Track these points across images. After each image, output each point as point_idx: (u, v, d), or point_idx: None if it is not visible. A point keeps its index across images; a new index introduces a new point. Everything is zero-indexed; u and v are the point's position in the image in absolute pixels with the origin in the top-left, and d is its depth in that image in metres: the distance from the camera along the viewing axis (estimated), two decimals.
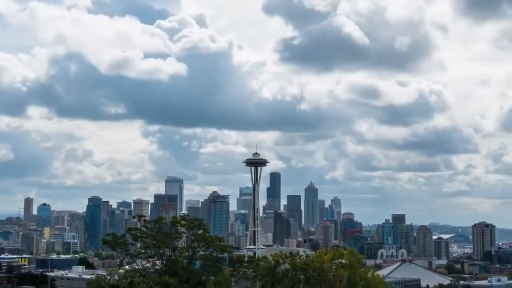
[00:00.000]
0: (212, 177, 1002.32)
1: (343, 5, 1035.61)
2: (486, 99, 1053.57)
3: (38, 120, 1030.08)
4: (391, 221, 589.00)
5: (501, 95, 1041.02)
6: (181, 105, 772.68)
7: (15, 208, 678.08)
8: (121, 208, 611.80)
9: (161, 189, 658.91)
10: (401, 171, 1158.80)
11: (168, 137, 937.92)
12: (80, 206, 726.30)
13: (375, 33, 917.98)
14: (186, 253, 66.02)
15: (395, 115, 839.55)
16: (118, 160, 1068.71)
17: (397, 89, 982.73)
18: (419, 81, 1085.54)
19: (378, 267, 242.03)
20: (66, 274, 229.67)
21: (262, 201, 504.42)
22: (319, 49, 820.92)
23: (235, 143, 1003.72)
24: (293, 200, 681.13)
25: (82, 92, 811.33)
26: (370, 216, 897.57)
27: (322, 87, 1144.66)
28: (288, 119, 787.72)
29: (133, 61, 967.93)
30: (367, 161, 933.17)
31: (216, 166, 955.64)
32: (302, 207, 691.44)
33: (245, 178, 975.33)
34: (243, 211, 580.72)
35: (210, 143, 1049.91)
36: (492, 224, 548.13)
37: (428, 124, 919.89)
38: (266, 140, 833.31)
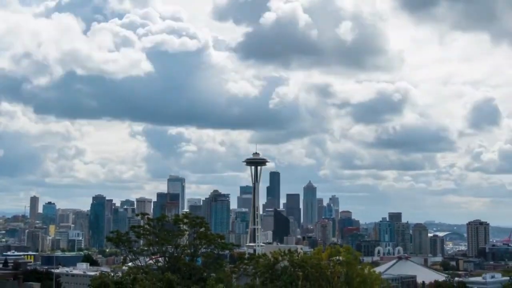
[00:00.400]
0: (206, 176, 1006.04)
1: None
2: (450, 97, 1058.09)
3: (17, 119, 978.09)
4: (387, 219, 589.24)
5: (463, 93, 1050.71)
6: (152, 103, 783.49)
7: (21, 206, 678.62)
8: (125, 207, 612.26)
9: (161, 187, 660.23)
10: (385, 169, 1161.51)
11: (151, 136, 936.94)
12: (78, 205, 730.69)
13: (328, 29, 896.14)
14: (188, 250, 66.15)
15: (363, 113, 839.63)
16: (110, 159, 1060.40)
17: (359, 86, 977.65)
18: (386, 79, 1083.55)
19: (375, 264, 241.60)
20: (70, 271, 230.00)
21: (262, 199, 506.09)
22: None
23: (213, 141, 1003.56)
24: (292, 198, 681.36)
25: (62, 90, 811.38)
26: (362, 214, 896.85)
27: (287, 85, 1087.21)
28: (261, 117, 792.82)
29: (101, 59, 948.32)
30: (350, 159, 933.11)
31: (206, 164, 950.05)
32: (301, 206, 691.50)
33: (230, 176, 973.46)
34: (243, 210, 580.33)
35: (192, 142, 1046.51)
36: (486, 222, 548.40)
37: (398, 122, 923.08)
38: (242, 139, 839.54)
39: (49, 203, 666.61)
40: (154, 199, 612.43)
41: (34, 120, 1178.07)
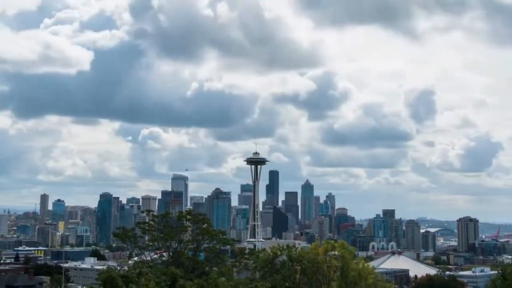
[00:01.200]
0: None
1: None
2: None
3: None
4: (381, 216, 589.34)
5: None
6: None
7: (31, 203, 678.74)
8: (131, 204, 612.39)
9: (166, 186, 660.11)
10: (354, 167, 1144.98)
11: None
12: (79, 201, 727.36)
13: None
14: (191, 246, 66.20)
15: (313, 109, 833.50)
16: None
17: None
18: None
19: (370, 258, 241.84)
20: (79, 265, 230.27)
21: (262, 197, 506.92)
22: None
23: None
24: (291, 196, 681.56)
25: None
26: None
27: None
28: (213, 116, 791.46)
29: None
30: (319, 157, 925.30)
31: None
32: (299, 203, 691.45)
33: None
34: (244, 207, 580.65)
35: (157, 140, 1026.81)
36: (475, 218, 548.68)
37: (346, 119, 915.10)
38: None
39: (59, 200, 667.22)
40: (159, 196, 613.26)
41: None
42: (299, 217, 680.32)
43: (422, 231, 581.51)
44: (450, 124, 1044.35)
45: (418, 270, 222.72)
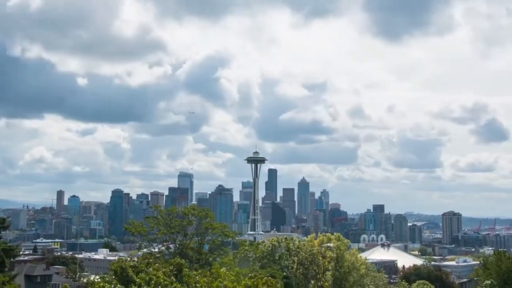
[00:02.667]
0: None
1: None
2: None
3: None
4: (372, 211, 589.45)
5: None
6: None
7: (49, 199, 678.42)
8: (140, 200, 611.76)
9: (173, 183, 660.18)
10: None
11: None
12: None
13: None
14: (196, 238, 66.07)
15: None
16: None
17: None
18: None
19: (361, 250, 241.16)
20: (92, 256, 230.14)
21: (261, 193, 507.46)
22: None
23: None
24: (288, 192, 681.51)
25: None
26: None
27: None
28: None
29: None
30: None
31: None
32: (296, 199, 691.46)
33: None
34: (244, 202, 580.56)
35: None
36: (459, 213, 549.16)
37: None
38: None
39: (74, 196, 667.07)
40: (166, 193, 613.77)
41: None
42: (296, 211, 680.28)
43: (409, 224, 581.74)
44: None
45: (406, 260, 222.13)
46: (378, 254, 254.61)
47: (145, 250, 67.15)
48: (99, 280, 34.29)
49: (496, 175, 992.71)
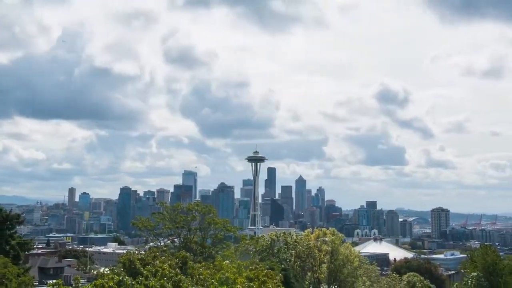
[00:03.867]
0: None
1: None
2: None
3: None
4: (365, 207, 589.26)
5: None
6: None
7: (61, 196, 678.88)
8: (147, 196, 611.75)
9: (178, 180, 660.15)
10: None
11: None
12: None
13: None
14: (199, 233, 65.98)
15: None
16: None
17: None
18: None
19: (355, 244, 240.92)
20: (102, 250, 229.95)
21: (261, 190, 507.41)
22: None
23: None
24: (286, 189, 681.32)
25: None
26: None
27: None
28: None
29: None
30: None
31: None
32: (293, 195, 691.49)
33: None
34: (245, 199, 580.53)
35: None
36: (447, 209, 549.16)
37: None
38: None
39: (84, 193, 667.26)
40: (171, 190, 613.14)
41: None
42: (294, 207, 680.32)
43: (400, 220, 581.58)
44: None
45: (397, 253, 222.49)
46: (371, 248, 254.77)
47: (151, 244, 67.07)
48: (108, 272, 34.28)
49: None
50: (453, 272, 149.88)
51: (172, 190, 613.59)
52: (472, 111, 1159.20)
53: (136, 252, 45.95)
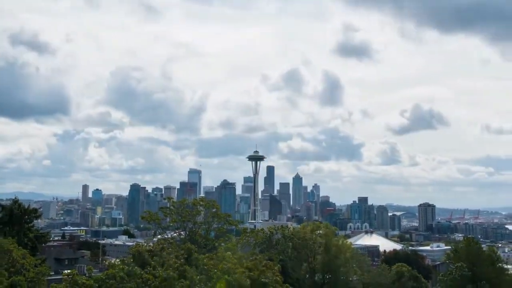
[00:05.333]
0: None
1: None
2: None
3: None
4: (357, 202, 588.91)
5: None
6: None
7: (75, 192, 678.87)
8: (155, 192, 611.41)
9: (184, 178, 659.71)
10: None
11: None
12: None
13: None
14: (203, 226, 65.96)
15: None
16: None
17: None
18: None
19: (347, 236, 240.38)
20: (113, 242, 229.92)
21: (261, 187, 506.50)
22: None
23: None
24: (284, 186, 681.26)
25: None
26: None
27: None
28: None
29: None
30: None
31: None
32: (291, 192, 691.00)
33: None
34: (246, 195, 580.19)
35: None
36: (433, 204, 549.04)
37: None
38: None
39: (97, 189, 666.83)
40: (178, 186, 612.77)
41: None
42: (291, 203, 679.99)
43: (389, 214, 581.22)
44: None
45: (387, 245, 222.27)
46: (362, 240, 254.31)
47: (159, 236, 67.08)
48: (119, 262, 34.32)
49: None
50: (438, 262, 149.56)
51: (178, 186, 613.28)
52: None
53: (145, 244, 46.02)
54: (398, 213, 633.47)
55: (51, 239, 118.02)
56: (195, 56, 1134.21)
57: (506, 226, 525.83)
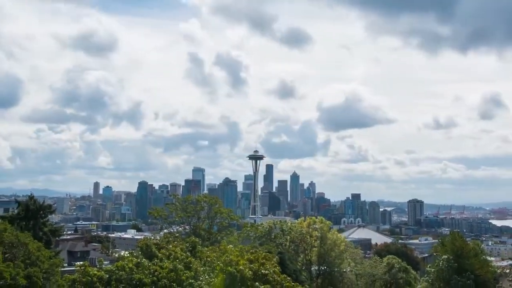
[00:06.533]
0: None
1: None
2: None
3: None
4: (350, 198, 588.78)
5: None
6: None
7: (87, 189, 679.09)
8: (162, 189, 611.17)
9: (188, 175, 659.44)
10: None
11: None
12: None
13: None
14: (207, 221, 66.08)
15: None
16: None
17: None
18: None
19: (341, 230, 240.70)
20: (122, 236, 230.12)
21: (260, 184, 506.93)
22: None
23: None
24: (282, 183, 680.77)
25: None
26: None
27: None
28: None
29: None
30: None
31: None
32: (288, 188, 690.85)
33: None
34: (246, 191, 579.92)
35: None
36: (421, 200, 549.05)
37: None
38: None
39: (107, 186, 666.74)
40: (183, 184, 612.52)
41: None
42: (289, 199, 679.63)
43: (381, 210, 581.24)
44: None
45: (378, 239, 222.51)
46: (355, 234, 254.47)
47: (165, 230, 67.17)
48: (128, 255, 34.35)
49: None
50: (426, 255, 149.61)
51: (183, 184, 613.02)
52: None
53: (152, 237, 46.02)
54: (388, 209, 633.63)
55: (65, 233, 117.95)
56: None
57: (490, 221, 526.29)
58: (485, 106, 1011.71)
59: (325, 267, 66.33)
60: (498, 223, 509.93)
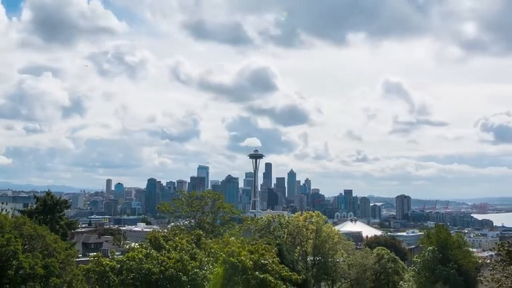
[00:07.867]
0: None
1: None
2: None
3: None
4: (343, 194, 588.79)
5: None
6: None
7: (100, 185, 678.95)
8: (169, 186, 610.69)
9: (193, 173, 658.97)
10: None
11: None
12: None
13: None
14: (211, 215, 66.05)
15: None
16: None
17: None
18: None
19: (335, 224, 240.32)
20: (133, 229, 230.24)
21: (260, 181, 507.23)
22: None
23: None
24: (280, 180, 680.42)
25: None
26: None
27: None
28: None
29: None
30: None
31: None
32: (286, 185, 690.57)
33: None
34: (247, 188, 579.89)
35: None
36: (409, 196, 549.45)
37: None
38: None
39: (119, 183, 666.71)
40: (188, 180, 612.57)
41: None
42: (286, 195, 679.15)
43: (371, 204, 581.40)
44: None
45: (368, 231, 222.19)
46: (347, 227, 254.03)
47: (172, 224, 67.12)
48: (138, 246, 34.35)
49: None
50: (413, 246, 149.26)
51: (189, 181, 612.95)
52: None
53: (160, 230, 45.99)
54: (378, 204, 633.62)
55: (79, 226, 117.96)
56: None
57: (472, 215, 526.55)
58: None
59: (319, 258, 66.33)
60: (479, 217, 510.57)
